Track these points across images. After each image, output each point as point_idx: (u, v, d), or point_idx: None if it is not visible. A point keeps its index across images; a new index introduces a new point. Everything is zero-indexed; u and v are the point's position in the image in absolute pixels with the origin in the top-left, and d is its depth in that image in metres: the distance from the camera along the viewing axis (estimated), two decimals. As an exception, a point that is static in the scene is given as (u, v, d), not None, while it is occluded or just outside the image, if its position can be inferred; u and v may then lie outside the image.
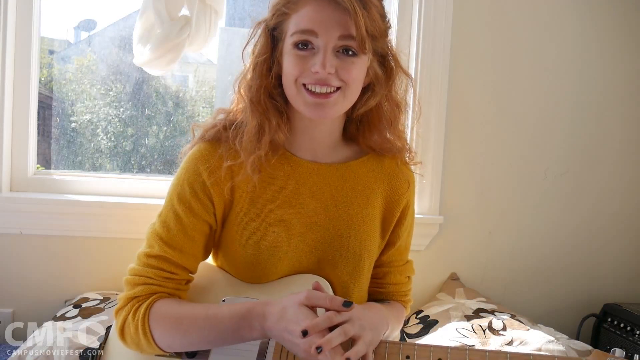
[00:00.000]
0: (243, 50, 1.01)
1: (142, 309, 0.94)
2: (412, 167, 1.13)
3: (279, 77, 0.99)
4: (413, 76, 1.22)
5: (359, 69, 0.94)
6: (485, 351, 0.88)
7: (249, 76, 0.99)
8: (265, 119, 0.98)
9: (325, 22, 0.90)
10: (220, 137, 1.01)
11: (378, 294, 1.15)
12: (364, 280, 1.09)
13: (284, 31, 0.95)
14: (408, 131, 1.25)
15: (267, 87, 0.98)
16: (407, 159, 1.11)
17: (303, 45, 0.92)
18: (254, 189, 0.99)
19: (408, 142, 1.12)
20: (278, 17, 0.95)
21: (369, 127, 1.05)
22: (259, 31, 0.98)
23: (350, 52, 0.92)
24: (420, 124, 1.08)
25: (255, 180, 0.98)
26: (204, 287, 1.06)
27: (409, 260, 1.18)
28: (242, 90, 1.00)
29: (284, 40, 0.95)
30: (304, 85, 0.93)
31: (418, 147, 1.73)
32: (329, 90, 0.92)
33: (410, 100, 1.14)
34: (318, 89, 0.92)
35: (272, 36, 0.97)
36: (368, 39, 0.91)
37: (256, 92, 0.98)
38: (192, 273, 1.03)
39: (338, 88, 0.93)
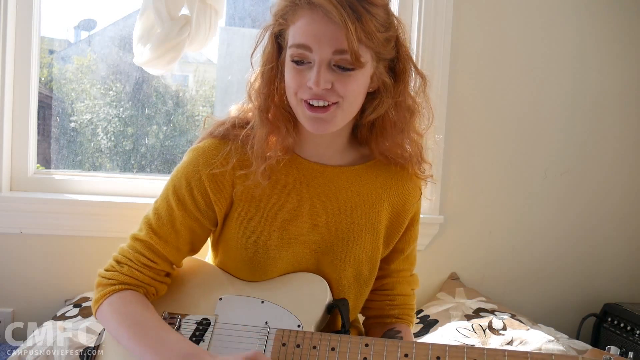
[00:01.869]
0: (251, 55, 0.99)
1: (113, 289, 0.98)
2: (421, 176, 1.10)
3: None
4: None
5: (357, 82, 0.91)
6: (483, 349, 0.88)
7: (257, 82, 0.98)
8: (275, 127, 0.97)
9: (319, 37, 0.87)
10: (228, 134, 1.00)
11: (388, 308, 1.13)
12: (363, 288, 1.08)
13: (285, 39, 0.93)
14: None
15: (275, 95, 0.98)
16: (418, 171, 1.07)
17: (299, 61, 0.90)
18: (256, 183, 0.98)
19: (424, 150, 1.08)
20: (279, 25, 0.94)
21: (381, 132, 1.02)
22: (266, 37, 0.96)
23: (346, 68, 0.89)
24: (419, 124, 1.06)
25: (264, 185, 0.98)
26: (203, 285, 1.06)
27: (414, 273, 1.18)
28: (252, 97, 0.99)
29: (285, 49, 0.93)
30: (303, 99, 0.92)
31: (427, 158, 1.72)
32: (326, 104, 0.91)
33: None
34: (315, 103, 0.91)
35: (278, 43, 0.96)
36: (367, 50, 0.89)
37: (264, 101, 0.97)
38: (174, 265, 1.04)
39: (335, 102, 0.91)
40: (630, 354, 0.84)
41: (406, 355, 0.89)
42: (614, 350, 0.84)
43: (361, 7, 0.86)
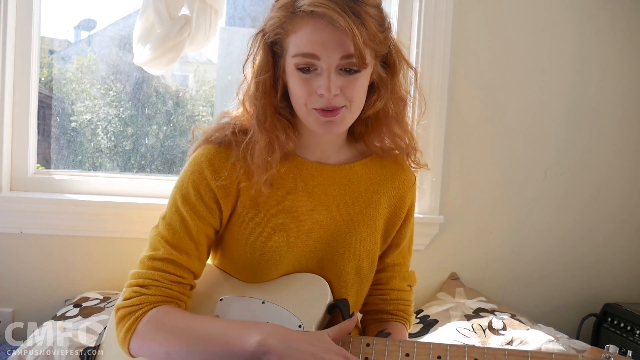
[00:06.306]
0: (244, 65, 0.99)
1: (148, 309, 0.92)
2: (415, 166, 1.12)
3: (283, 91, 0.98)
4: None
5: (362, 83, 0.94)
6: (483, 348, 0.88)
7: (251, 91, 0.98)
8: (274, 136, 0.97)
9: (326, 44, 0.88)
10: (230, 141, 0.99)
11: (382, 303, 1.14)
12: (364, 283, 1.08)
13: (283, 48, 0.94)
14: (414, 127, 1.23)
15: (273, 104, 0.98)
16: (411, 162, 1.10)
17: (306, 69, 0.91)
18: (259, 191, 0.98)
19: (415, 139, 1.10)
20: (276, 35, 0.93)
21: (377, 124, 1.05)
22: (258, 45, 0.96)
23: (352, 70, 0.91)
24: (413, 114, 1.08)
25: (267, 194, 0.98)
26: (203, 286, 1.05)
27: (411, 270, 1.18)
28: (246, 105, 0.99)
29: (285, 58, 0.94)
30: (314, 108, 0.93)
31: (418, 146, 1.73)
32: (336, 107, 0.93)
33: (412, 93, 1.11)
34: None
35: (272, 51, 0.96)
36: (369, 50, 0.91)
37: (262, 111, 0.97)
38: (196, 278, 1.01)
39: (344, 106, 0.93)
40: (629, 353, 0.84)
41: (407, 355, 0.89)
42: (612, 349, 0.85)
43: (362, 10, 0.88)
